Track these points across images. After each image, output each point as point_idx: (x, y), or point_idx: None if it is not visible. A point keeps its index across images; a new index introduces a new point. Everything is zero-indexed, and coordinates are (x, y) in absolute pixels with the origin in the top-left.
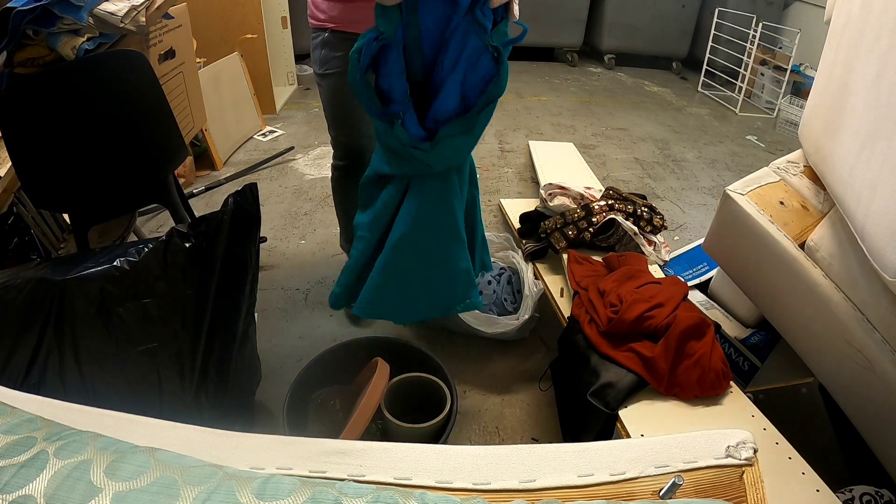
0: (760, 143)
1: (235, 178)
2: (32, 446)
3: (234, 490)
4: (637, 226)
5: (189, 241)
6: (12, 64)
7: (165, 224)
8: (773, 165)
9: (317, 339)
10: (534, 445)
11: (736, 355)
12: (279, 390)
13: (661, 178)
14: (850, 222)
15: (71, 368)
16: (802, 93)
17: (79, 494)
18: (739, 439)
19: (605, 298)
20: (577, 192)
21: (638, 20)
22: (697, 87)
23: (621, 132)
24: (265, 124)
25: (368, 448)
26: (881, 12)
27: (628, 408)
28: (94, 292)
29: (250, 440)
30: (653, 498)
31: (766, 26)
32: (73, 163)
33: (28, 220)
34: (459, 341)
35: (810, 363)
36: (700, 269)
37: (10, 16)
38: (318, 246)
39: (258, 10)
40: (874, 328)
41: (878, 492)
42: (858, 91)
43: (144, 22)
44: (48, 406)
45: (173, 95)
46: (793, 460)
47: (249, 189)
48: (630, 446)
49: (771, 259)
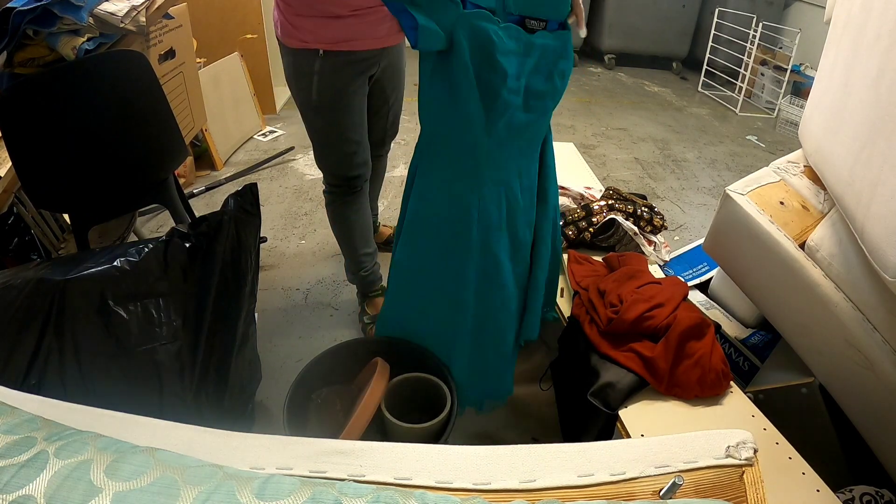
0: (760, 143)
1: (235, 178)
2: (32, 446)
3: (234, 490)
4: (637, 226)
5: (189, 241)
6: (12, 64)
7: (165, 224)
8: (774, 165)
9: (317, 339)
10: (534, 445)
11: (736, 355)
12: (279, 390)
13: (662, 178)
14: (850, 222)
15: (71, 368)
16: (802, 93)
17: (79, 494)
18: (739, 439)
19: (606, 298)
20: (577, 192)
21: (638, 20)
22: (697, 87)
23: (621, 132)
24: (265, 124)
25: (368, 448)
26: (881, 12)
27: (628, 408)
28: (94, 292)
29: (250, 440)
30: (653, 498)
31: (767, 26)
32: (73, 163)
33: (28, 220)
34: None
35: (810, 363)
36: (700, 269)
37: (10, 16)
38: (318, 246)
39: (258, 10)
40: (874, 328)
41: (878, 492)
42: (858, 91)
43: (144, 22)
44: (48, 406)
45: (173, 95)
46: (793, 460)
47: (249, 189)
48: (630, 446)
49: (771, 259)
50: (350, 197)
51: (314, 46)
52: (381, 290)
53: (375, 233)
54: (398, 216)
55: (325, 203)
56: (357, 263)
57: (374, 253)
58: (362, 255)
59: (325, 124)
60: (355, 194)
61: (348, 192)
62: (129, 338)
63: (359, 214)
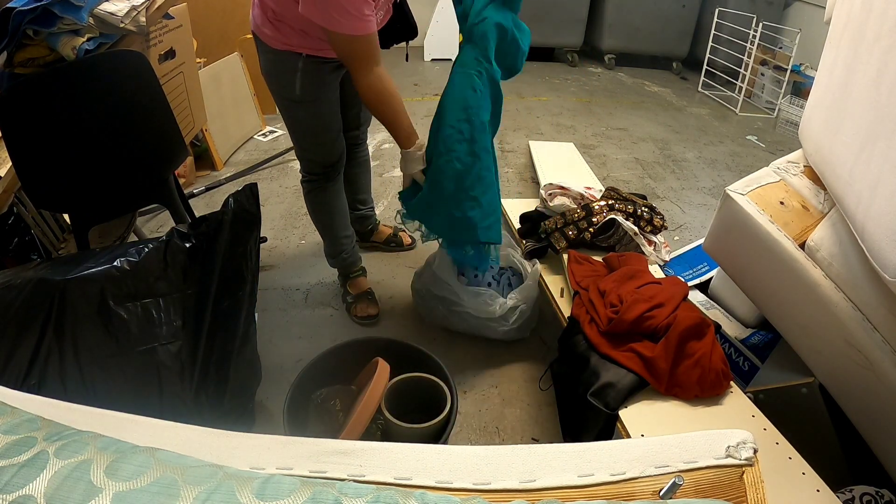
0: (760, 143)
1: (236, 178)
2: (33, 446)
3: (234, 490)
4: (637, 226)
5: (189, 241)
6: (12, 64)
7: (165, 224)
8: (774, 165)
9: (317, 339)
10: (534, 445)
11: (736, 355)
12: (279, 390)
13: (662, 178)
14: (850, 222)
15: (71, 368)
16: (802, 93)
17: (79, 494)
18: (739, 439)
19: (606, 298)
20: (577, 192)
21: (638, 20)
22: (697, 87)
23: (621, 132)
24: (265, 124)
25: (368, 448)
26: (881, 12)
27: (628, 408)
28: (94, 292)
29: (250, 440)
30: (653, 498)
31: (767, 26)
32: (73, 163)
33: (28, 220)
34: (459, 341)
35: (810, 363)
36: (700, 269)
37: (10, 16)
38: (318, 246)
39: None
40: (874, 328)
41: (878, 492)
42: (858, 91)
43: (144, 22)
44: (48, 406)
45: (173, 95)
46: (793, 460)
47: (249, 189)
48: (630, 446)
49: (771, 259)
50: (330, 183)
51: (298, 50)
52: (361, 270)
53: (375, 232)
54: None
55: (305, 193)
56: (338, 246)
57: (352, 236)
58: (343, 238)
59: (308, 116)
60: (334, 180)
61: (328, 178)
62: (129, 338)
63: (338, 199)
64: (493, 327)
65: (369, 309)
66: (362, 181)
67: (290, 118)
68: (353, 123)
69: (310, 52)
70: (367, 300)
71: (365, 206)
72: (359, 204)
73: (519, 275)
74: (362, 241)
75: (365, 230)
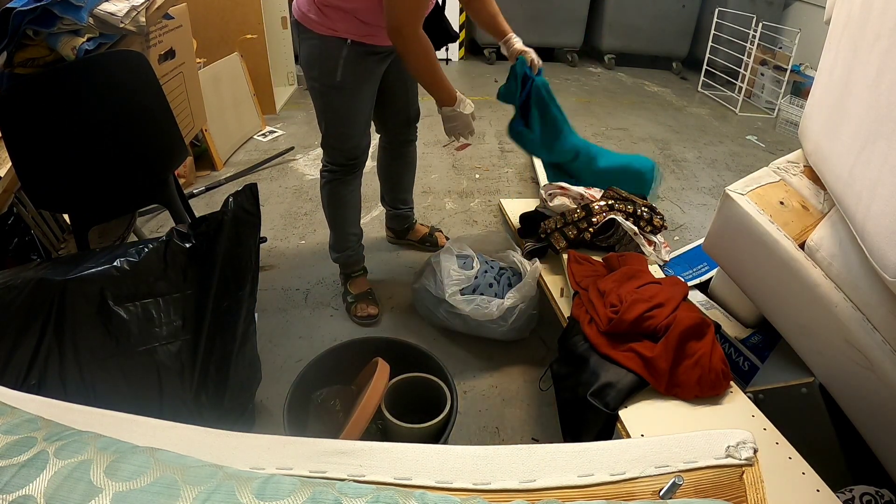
0: (760, 143)
1: (235, 178)
2: (32, 446)
3: (234, 490)
4: (637, 226)
5: (189, 242)
6: (12, 64)
7: (165, 224)
8: (773, 165)
9: (317, 339)
10: (534, 445)
11: (736, 355)
12: (279, 390)
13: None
14: (850, 222)
15: (71, 368)
16: (802, 93)
17: (79, 494)
18: (739, 439)
19: (605, 298)
20: (577, 192)
21: (638, 20)
22: (697, 87)
23: (621, 132)
24: (265, 124)
25: (368, 448)
26: (881, 12)
27: (628, 408)
28: (94, 292)
29: (250, 440)
30: (653, 498)
31: (766, 26)
32: (73, 163)
33: (28, 220)
34: (459, 341)
35: (810, 363)
36: (700, 269)
37: (10, 16)
38: (318, 246)
39: (258, 10)
40: (874, 328)
41: (878, 492)
42: (858, 91)
43: (144, 22)
44: (48, 406)
45: (173, 96)
46: (793, 460)
47: (249, 189)
48: (630, 446)
49: (771, 259)
50: (349, 177)
51: (344, 36)
52: (363, 270)
53: (411, 230)
54: None
55: (322, 183)
56: (344, 241)
57: (360, 234)
58: (350, 234)
59: (343, 104)
60: (354, 174)
61: (349, 172)
62: (129, 338)
63: (354, 195)
64: (492, 328)
65: (369, 309)
66: (406, 180)
67: (324, 104)
68: (403, 116)
69: (355, 38)
70: (367, 300)
71: (405, 205)
72: (399, 203)
73: (519, 275)
74: (397, 238)
75: (401, 228)
